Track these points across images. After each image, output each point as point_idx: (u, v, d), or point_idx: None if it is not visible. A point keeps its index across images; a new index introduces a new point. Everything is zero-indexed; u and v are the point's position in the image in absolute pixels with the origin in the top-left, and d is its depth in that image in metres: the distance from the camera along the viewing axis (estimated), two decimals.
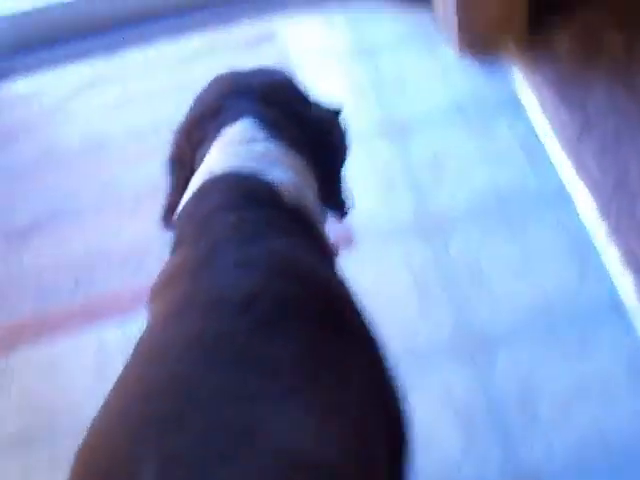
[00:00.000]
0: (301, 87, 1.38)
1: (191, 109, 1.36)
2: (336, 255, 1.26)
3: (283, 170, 1.20)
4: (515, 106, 2.16)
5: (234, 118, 1.26)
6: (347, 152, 1.38)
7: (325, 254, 1.22)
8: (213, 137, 1.26)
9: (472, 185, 2.02)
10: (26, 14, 2.51)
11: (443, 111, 2.18)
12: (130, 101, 2.34)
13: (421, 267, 1.89)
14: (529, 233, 1.91)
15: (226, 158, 1.22)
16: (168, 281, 1.10)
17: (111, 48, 2.48)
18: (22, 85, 2.47)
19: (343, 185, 1.38)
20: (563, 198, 1.96)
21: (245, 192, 1.17)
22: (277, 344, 0.99)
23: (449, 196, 2.00)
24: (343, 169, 1.37)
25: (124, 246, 2.01)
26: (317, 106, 1.37)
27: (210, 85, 1.38)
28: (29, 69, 2.47)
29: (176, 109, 1.37)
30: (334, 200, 1.36)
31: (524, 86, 2.17)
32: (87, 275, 1.98)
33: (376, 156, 2.11)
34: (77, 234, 2.06)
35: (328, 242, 1.25)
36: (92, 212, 2.10)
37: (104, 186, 2.14)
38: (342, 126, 1.37)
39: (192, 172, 1.27)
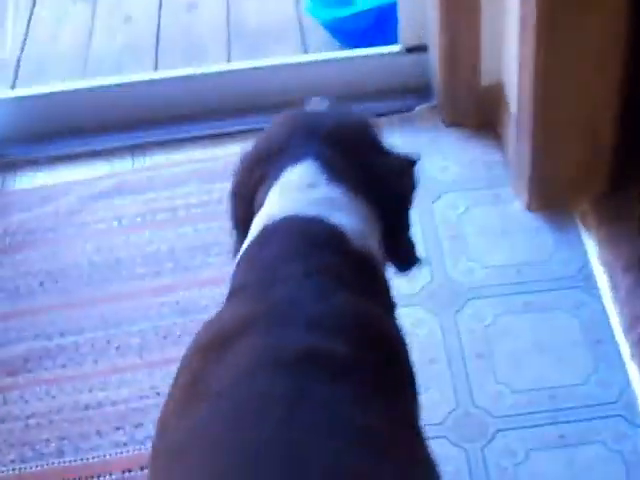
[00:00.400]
0: (375, 132, 1.31)
1: (257, 143, 1.30)
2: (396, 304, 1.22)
3: (346, 215, 1.17)
4: (585, 283, 1.87)
5: (297, 159, 1.21)
6: (412, 202, 1.30)
7: (388, 303, 1.19)
8: (274, 177, 1.21)
9: (523, 380, 1.73)
10: (53, 95, 2.27)
11: (501, 276, 1.90)
12: (151, 219, 2.08)
13: None
14: (583, 454, 1.63)
15: (286, 203, 1.18)
16: (233, 332, 1.04)
17: (140, 149, 2.22)
18: (40, 179, 2.23)
19: (409, 236, 1.31)
20: (629, 413, 1.68)
21: (310, 237, 1.14)
22: (372, 415, 0.96)
23: (496, 391, 1.72)
24: (409, 220, 1.30)
25: (120, 403, 1.76)
26: (391, 153, 1.30)
27: (280, 121, 1.31)
28: (50, 162, 2.23)
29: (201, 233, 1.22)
30: (399, 252, 1.30)
31: (597, 262, 1.90)
32: (75, 436, 1.73)
33: (420, 328, 1.84)
34: (70, 380, 1.81)
35: (390, 289, 1.21)
36: (89, 355, 1.84)
37: (108, 324, 1.88)
38: (414, 176, 1.30)
39: (251, 210, 1.24)
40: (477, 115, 2.16)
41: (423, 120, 2.21)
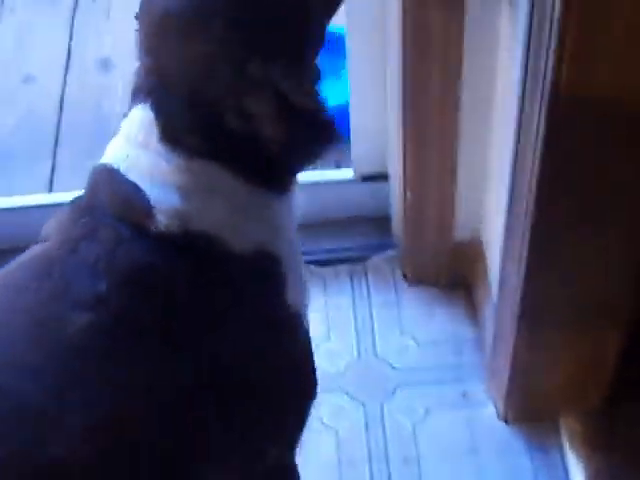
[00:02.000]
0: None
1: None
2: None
3: (168, 189, 0.97)
4: None
5: (140, 99, 0.99)
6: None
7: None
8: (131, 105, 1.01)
9: None
10: None
11: None
12: None
13: None
14: None
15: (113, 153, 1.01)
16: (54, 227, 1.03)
17: None
18: None
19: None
20: None
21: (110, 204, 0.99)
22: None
23: None
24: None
25: None
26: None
27: None
28: None
29: None
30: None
31: None
32: None
33: None
34: None
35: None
36: None
37: None
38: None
39: None
40: (447, 273, 1.70)
41: (379, 274, 1.73)
